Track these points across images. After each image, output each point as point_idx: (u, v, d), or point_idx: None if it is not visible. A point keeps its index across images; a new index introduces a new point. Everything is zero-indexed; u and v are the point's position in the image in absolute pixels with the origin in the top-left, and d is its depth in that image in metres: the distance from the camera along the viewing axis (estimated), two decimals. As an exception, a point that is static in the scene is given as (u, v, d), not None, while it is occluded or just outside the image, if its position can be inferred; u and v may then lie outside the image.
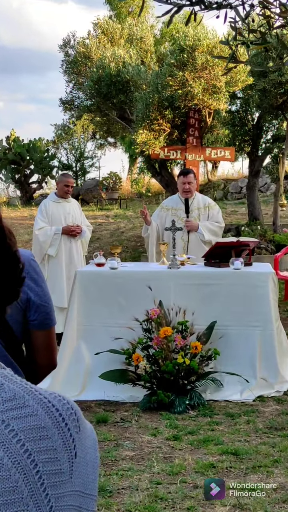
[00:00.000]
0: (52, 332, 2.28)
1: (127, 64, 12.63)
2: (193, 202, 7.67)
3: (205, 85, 10.99)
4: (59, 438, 0.99)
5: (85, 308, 6.52)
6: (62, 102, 15.12)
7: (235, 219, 16.71)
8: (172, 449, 4.93)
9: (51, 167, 24.88)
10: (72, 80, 14.62)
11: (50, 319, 2.25)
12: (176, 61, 11.15)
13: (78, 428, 1.03)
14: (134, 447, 5.00)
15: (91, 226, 8.92)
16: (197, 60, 10.90)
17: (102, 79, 12.75)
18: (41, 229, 8.32)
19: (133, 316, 6.17)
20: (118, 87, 12.74)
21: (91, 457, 1.04)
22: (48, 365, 2.32)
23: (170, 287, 6.43)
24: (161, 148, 11.73)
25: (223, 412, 5.78)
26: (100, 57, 13.14)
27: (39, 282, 2.22)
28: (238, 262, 6.49)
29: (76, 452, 1.01)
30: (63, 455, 0.99)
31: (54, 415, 1.01)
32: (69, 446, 1.00)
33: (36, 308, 2.21)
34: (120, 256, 7.11)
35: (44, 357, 2.29)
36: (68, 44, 14.81)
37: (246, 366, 6.28)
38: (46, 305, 2.23)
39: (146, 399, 5.93)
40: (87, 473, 1.03)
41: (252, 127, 13.61)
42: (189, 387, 6.01)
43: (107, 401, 6.11)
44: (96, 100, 13.32)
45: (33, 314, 2.21)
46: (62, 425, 1.01)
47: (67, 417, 1.02)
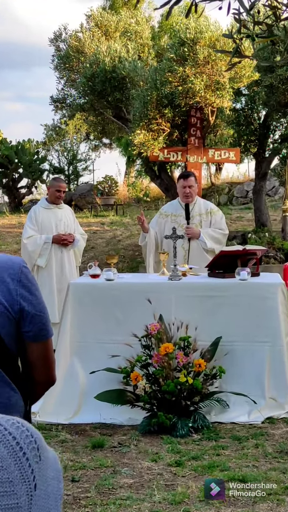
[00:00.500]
0: (49, 345, 2.28)
1: (123, 59, 12.68)
2: (194, 208, 7.69)
3: (207, 81, 11.03)
4: (16, 469, 0.96)
5: (79, 323, 6.52)
6: (53, 101, 15.16)
7: (240, 225, 16.74)
8: (174, 476, 4.92)
9: (42, 171, 24.91)
10: (63, 76, 14.65)
11: (46, 330, 2.24)
12: (176, 56, 11.19)
13: (39, 457, 0.99)
14: (133, 474, 4.98)
15: (86, 234, 8.93)
16: (198, 54, 10.93)
17: (96, 75, 12.78)
18: (30, 237, 8.32)
19: (131, 331, 6.17)
20: (114, 84, 12.78)
21: (53, 489, 1.01)
22: (46, 381, 2.32)
23: (171, 300, 6.43)
24: (160, 149, 11.75)
25: (229, 435, 5.77)
26: (94, 52, 13.18)
27: (33, 291, 2.21)
28: (245, 272, 6.49)
29: (35, 484, 0.97)
30: (20, 487, 0.95)
31: (10, 444, 0.97)
32: (27, 477, 0.97)
33: (31, 319, 2.20)
34: (116, 267, 7.12)
35: (42, 373, 2.28)
36: (59, 37, 14.86)
37: (254, 385, 6.27)
38: (41, 315, 2.22)
39: (145, 421, 5.92)
40: (49, 507, 1.00)
41: (258, 126, 13.64)
42: (192, 408, 6.00)
43: (103, 424, 6.10)
44: (89, 98, 13.35)
45: (27, 325, 2.20)
46: (20, 455, 0.97)
47: (26, 446, 0.98)
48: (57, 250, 8.35)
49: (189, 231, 7.50)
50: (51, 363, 2.31)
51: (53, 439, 5.74)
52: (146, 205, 23.15)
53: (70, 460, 5.22)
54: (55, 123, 28.19)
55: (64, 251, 8.39)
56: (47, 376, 2.30)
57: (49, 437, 5.77)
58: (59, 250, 8.36)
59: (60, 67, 14.52)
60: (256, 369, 6.31)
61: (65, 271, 8.38)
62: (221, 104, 11.41)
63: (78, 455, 5.35)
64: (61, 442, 5.69)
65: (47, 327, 2.25)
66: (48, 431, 5.95)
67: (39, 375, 2.28)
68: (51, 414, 6.19)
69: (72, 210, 9.08)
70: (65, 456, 5.31)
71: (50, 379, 2.33)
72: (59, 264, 8.37)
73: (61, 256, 8.38)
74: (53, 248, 8.31)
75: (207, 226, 7.66)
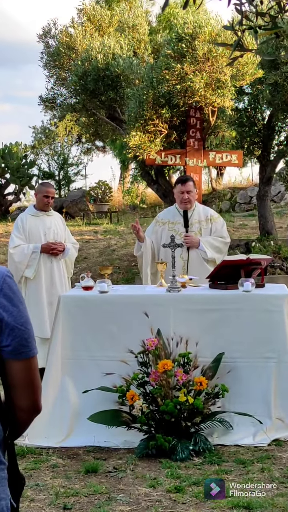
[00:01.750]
0: (32, 365, 2.18)
1: (117, 56, 12.70)
2: (193, 214, 7.69)
3: (207, 79, 11.05)
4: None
5: (71, 338, 6.51)
6: (42, 101, 15.18)
7: (244, 233, 16.76)
8: (174, 502, 4.91)
9: (30, 176, 24.94)
10: (53, 74, 14.67)
11: (28, 346, 2.16)
12: (173, 52, 11.22)
13: None
14: (130, 501, 4.97)
15: (77, 243, 8.92)
16: (197, 50, 10.96)
17: (89, 73, 12.81)
18: (17, 247, 8.30)
19: (127, 347, 6.16)
20: (107, 83, 12.80)
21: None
22: (28, 407, 2.20)
23: (170, 313, 6.42)
24: (157, 152, 11.77)
25: (233, 459, 5.76)
26: (86, 48, 13.21)
27: (15, 302, 2.16)
28: (249, 283, 6.49)
29: None
30: None
31: None
32: None
33: (10, 331, 2.13)
34: (111, 278, 7.13)
35: (23, 397, 2.17)
36: (49, 33, 14.88)
37: (259, 405, 6.26)
38: (23, 329, 2.15)
39: (143, 444, 5.90)
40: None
41: (262, 127, 13.66)
42: (193, 430, 5.99)
43: (97, 448, 6.09)
44: (81, 97, 13.36)
45: (5, 338, 2.13)
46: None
47: None
48: (46, 260, 8.33)
49: (188, 240, 7.49)
50: (35, 387, 2.20)
51: (43, 464, 5.72)
52: (142, 212, 23.20)
53: (61, 487, 5.21)
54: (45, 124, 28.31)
55: (54, 261, 8.36)
56: (29, 401, 2.19)
57: (39, 462, 5.76)
58: (48, 260, 8.34)
59: (50, 64, 14.54)
60: (261, 387, 6.30)
61: (55, 282, 8.36)
62: (222, 103, 11.43)
63: (71, 481, 5.34)
64: (52, 467, 5.67)
65: (29, 343, 2.16)
66: (38, 455, 5.93)
67: (21, 399, 2.17)
68: (41, 437, 6.17)
69: (63, 218, 9.07)
70: (56, 482, 5.30)
71: (33, 405, 2.20)
72: (48, 275, 8.35)
73: (50, 266, 8.35)
74: (42, 258, 8.28)
75: (207, 234, 7.66)
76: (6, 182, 24.87)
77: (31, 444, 6.09)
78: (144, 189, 25.47)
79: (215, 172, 26.09)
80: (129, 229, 18.22)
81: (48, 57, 14.50)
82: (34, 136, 29.03)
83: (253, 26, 2.83)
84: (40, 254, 8.26)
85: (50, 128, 27.85)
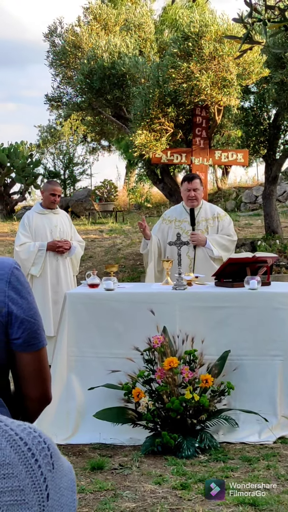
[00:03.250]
0: (42, 356, 2.18)
1: (123, 55, 12.71)
2: (199, 212, 7.69)
3: (213, 78, 11.06)
4: (27, 476, 0.95)
5: (77, 336, 6.52)
6: (48, 99, 15.19)
7: (249, 233, 16.75)
8: (179, 499, 4.91)
9: (36, 175, 24.96)
10: (59, 73, 14.69)
11: (37, 338, 2.16)
12: (179, 51, 11.22)
13: (52, 465, 0.98)
14: (136, 497, 4.97)
15: (84, 241, 8.91)
16: (204, 49, 10.97)
17: (95, 72, 12.82)
18: (23, 245, 8.30)
19: (133, 344, 6.16)
20: (113, 81, 12.81)
21: (67, 500, 1.00)
22: (39, 398, 2.20)
23: (176, 311, 6.43)
24: (163, 151, 11.78)
25: (238, 456, 5.75)
26: (92, 47, 13.22)
27: (23, 294, 2.15)
28: (254, 281, 6.49)
29: (48, 494, 0.97)
30: (32, 496, 0.94)
31: (21, 450, 0.97)
32: (39, 486, 0.96)
33: (20, 324, 2.12)
34: (116, 276, 7.11)
35: (34, 388, 2.18)
36: (55, 32, 14.90)
37: (265, 403, 6.27)
38: (33, 321, 2.15)
39: (148, 441, 5.90)
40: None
41: (268, 126, 13.66)
42: (199, 427, 5.99)
43: (103, 445, 6.09)
44: (87, 96, 13.37)
45: (15, 331, 2.12)
46: (32, 462, 0.96)
47: (38, 452, 0.98)
48: (52, 258, 8.33)
49: (194, 238, 7.48)
50: (45, 377, 2.20)
51: (49, 461, 5.71)
52: (147, 211, 23.19)
53: (67, 483, 5.19)
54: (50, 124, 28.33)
55: (60, 259, 8.37)
56: (40, 392, 2.19)
57: (44, 459, 5.74)
58: (54, 258, 8.34)
59: (56, 63, 14.56)
60: (267, 385, 6.30)
61: (61, 280, 8.36)
62: (228, 102, 11.44)
63: (76, 478, 5.31)
64: (57, 463, 5.66)
65: (39, 335, 2.16)
66: (44, 452, 5.92)
67: (31, 390, 2.17)
68: (47, 435, 6.15)
69: (69, 216, 9.07)
70: (62, 479, 5.29)
71: (44, 395, 2.21)
72: (54, 273, 8.35)
73: (56, 264, 8.35)
74: (47, 256, 8.29)
75: (214, 232, 7.66)
76: (11, 181, 24.89)
77: (36, 441, 6.08)
78: (149, 188, 25.47)
79: (221, 172, 26.09)
80: (135, 228, 18.22)
81: (54, 56, 14.51)
82: (40, 136, 29.06)
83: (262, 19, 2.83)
84: (46, 252, 8.26)
85: (55, 128, 27.88)
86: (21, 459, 0.96)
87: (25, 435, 0.97)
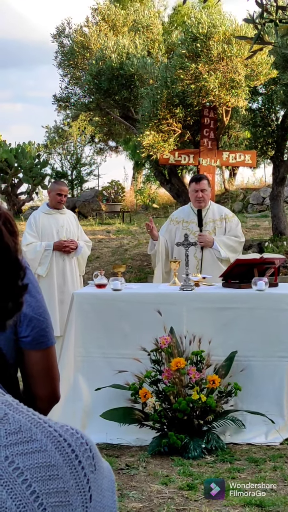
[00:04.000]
0: (50, 354, 2.19)
1: (132, 56, 12.72)
2: (207, 213, 7.68)
3: (221, 79, 11.06)
4: (72, 478, 0.97)
5: (83, 336, 6.52)
6: (56, 100, 15.21)
7: (257, 234, 16.74)
8: (186, 500, 4.91)
9: (43, 176, 24.99)
10: (67, 74, 14.72)
11: (46, 336, 2.17)
12: (188, 52, 11.23)
13: (94, 467, 1.00)
14: (142, 497, 4.97)
15: (91, 241, 8.90)
16: (212, 50, 10.97)
17: (103, 72, 12.83)
18: (30, 244, 8.29)
19: (140, 345, 6.17)
20: (121, 82, 12.82)
21: (108, 501, 1.02)
22: (48, 396, 2.22)
23: (183, 312, 6.43)
24: (170, 152, 11.78)
25: (245, 457, 5.75)
26: (100, 48, 13.24)
27: (33, 293, 2.16)
28: (262, 282, 6.48)
29: (91, 495, 0.99)
30: (76, 498, 0.96)
31: (66, 451, 0.98)
32: (83, 488, 0.98)
33: (29, 322, 2.14)
34: (124, 277, 7.12)
35: (42, 386, 2.19)
36: (63, 32, 14.92)
37: (272, 404, 6.26)
38: (42, 320, 2.16)
39: (155, 442, 5.90)
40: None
41: (276, 127, 13.65)
42: (206, 428, 5.99)
43: (109, 445, 6.09)
44: (95, 96, 13.39)
45: (24, 329, 2.14)
46: (75, 463, 0.98)
47: (81, 454, 1.00)
48: (59, 258, 8.32)
49: (202, 239, 7.47)
50: (53, 376, 2.22)
51: (55, 461, 5.72)
52: (154, 212, 23.20)
53: (74, 483, 5.20)
54: (58, 124, 28.35)
55: (66, 259, 8.36)
56: (49, 390, 2.21)
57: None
58: (60, 258, 8.33)
59: (64, 64, 14.59)
60: (274, 386, 6.29)
61: (67, 280, 8.35)
62: (236, 103, 11.44)
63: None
64: (64, 463, 5.67)
65: (47, 333, 2.17)
66: (50, 452, 5.93)
67: (40, 389, 2.19)
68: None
69: (76, 216, 9.07)
70: (68, 479, 5.29)
71: (53, 394, 2.23)
72: (60, 273, 8.34)
73: (62, 264, 8.34)
74: (54, 256, 8.27)
75: (222, 233, 7.65)
76: (19, 182, 24.93)
77: (43, 441, 6.09)
78: (157, 189, 25.47)
79: (228, 173, 26.08)
80: (142, 228, 18.24)
81: (62, 56, 14.54)
82: (47, 136, 29.09)
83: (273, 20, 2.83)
84: (53, 252, 8.25)
85: (63, 128, 27.91)
86: (66, 460, 0.98)
87: (69, 436, 1.00)
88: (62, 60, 14.59)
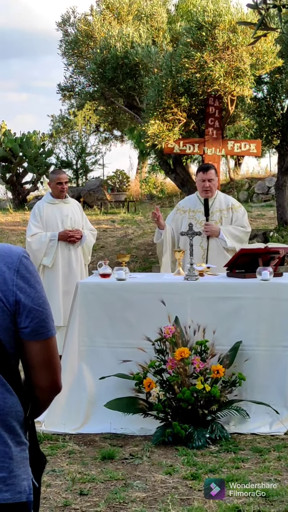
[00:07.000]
0: (51, 345, 2.18)
1: (136, 44, 12.68)
2: (214, 203, 7.65)
3: (227, 68, 11.02)
4: None
5: (88, 326, 6.52)
6: (61, 89, 15.17)
7: (262, 223, 16.70)
8: (190, 489, 4.91)
9: (48, 165, 24.97)
10: (72, 63, 14.66)
11: (46, 327, 2.17)
12: (193, 40, 11.19)
13: None
14: (146, 487, 4.97)
15: (95, 230, 8.88)
16: (217, 39, 10.93)
17: (107, 61, 12.80)
18: (34, 235, 8.28)
19: (144, 335, 6.16)
20: (126, 71, 12.78)
21: None
22: (49, 386, 2.21)
23: (187, 302, 6.42)
24: (175, 141, 11.75)
25: (249, 447, 5.75)
26: (105, 36, 13.19)
27: (32, 283, 2.16)
28: (267, 272, 6.46)
29: None
30: None
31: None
32: None
33: (28, 313, 2.13)
34: (128, 267, 7.10)
35: (43, 377, 2.18)
36: (68, 21, 14.87)
37: (276, 394, 6.25)
38: (41, 310, 2.15)
39: (159, 431, 5.91)
40: None
41: (281, 116, 13.59)
42: (210, 418, 5.99)
43: (113, 434, 6.10)
44: (100, 85, 13.36)
45: (24, 320, 2.13)
46: None
47: None
48: (64, 248, 8.30)
49: (208, 229, 7.45)
50: (54, 366, 2.20)
51: (60, 450, 5.74)
52: (159, 202, 23.17)
53: (78, 473, 5.22)
54: (63, 114, 28.31)
55: (72, 248, 8.34)
56: (50, 381, 2.20)
57: (55, 448, 5.77)
58: (66, 248, 8.31)
59: (68, 53, 14.52)
60: (278, 376, 6.28)
61: (73, 270, 8.33)
62: (242, 92, 11.40)
63: (87, 467, 5.35)
64: (68, 453, 5.69)
65: (47, 324, 2.16)
66: (55, 441, 5.95)
67: (41, 379, 2.18)
68: (57, 424, 6.19)
69: (80, 205, 9.04)
70: (73, 468, 5.31)
71: (54, 384, 2.21)
72: (66, 263, 8.32)
73: (68, 254, 8.33)
74: (59, 246, 8.26)
75: (228, 223, 7.62)
76: (23, 171, 24.90)
77: (47, 431, 6.10)
78: (164, 179, 25.43)
79: (233, 163, 26.03)
80: (147, 218, 18.22)
81: (67, 45, 14.48)
82: (52, 125, 29.04)
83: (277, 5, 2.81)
84: (58, 242, 8.23)
85: (68, 117, 27.87)
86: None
87: None
88: (66, 49, 14.52)
